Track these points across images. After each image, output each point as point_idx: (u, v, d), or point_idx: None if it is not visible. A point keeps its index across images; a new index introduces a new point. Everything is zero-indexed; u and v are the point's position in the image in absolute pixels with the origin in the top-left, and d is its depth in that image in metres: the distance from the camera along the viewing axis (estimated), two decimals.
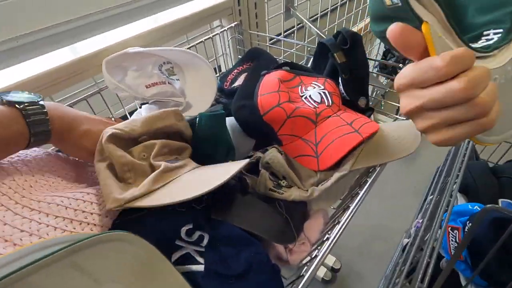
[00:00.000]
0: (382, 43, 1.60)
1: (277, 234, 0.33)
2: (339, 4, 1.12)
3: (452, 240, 0.62)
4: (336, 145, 0.40)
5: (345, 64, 0.47)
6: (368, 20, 1.33)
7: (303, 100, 0.47)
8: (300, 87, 0.49)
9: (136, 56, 0.51)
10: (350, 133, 0.40)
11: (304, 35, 0.94)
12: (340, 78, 0.49)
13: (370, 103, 0.52)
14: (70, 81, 0.48)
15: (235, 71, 0.65)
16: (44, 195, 0.29)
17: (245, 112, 0.48)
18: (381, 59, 1.53)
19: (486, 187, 0.68)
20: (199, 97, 0.55)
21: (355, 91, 0.49)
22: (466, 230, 0.60)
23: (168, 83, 0.53)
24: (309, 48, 0.98)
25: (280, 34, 0.92)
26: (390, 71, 1.53)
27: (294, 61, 0.60)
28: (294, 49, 0.79)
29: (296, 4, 0.88)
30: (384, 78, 1.61)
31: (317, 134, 0.43)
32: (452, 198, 0.53)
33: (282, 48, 0.76)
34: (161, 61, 0.53)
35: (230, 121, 0.57)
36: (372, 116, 0.51)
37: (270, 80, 0.49)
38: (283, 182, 0.40)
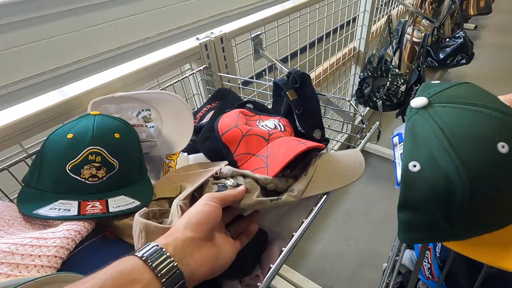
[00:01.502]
0: (356, 73, 1.70)
1: (228, 270, 0.34)
2: (307, 44, 1.22)
3: (424, 261, 0.63)
4: (284, 153, 0.43)
5: (296, 101, 0.52)
6: (334, 59, 1.42)
7: (258, 126, 0.52)
8: (258, 120, 0.54)
9: (119, 100, 0.57)
10: (297, 144, 0.44)
11: (274, 75, 1.01)
12: (294, 114, 0.53)
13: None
14: (58, 119, 0.53)
15: (204, 109, 0.69)
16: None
17: (208, 141, 0.53)
18: (357, 88, 1.61)
19: None
20: (176, 136, 0.59)
21: (309, 124, 0.53)
22: (436, 250, 0.61)
23: (145, 126, 0.57)
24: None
25: (253, 78, 0.99)
26: (367, 99, 1.61)
27: (265, 101, 0.66)
28: (262, 89, 0.84)
29: (264, 46, 0.95)
30: (362, 106, 1.69)
31: (268, 149, 0.47)
32: None
33: (254, 88, 0.81)
34: (140, 108, 0.58)
35: (195, 157, 0.60)
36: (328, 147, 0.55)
37: (231, 112, 0.54)
38: (229, 181, 0.42)
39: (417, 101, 0.33)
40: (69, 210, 0.39)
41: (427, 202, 0.32)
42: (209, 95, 0.77)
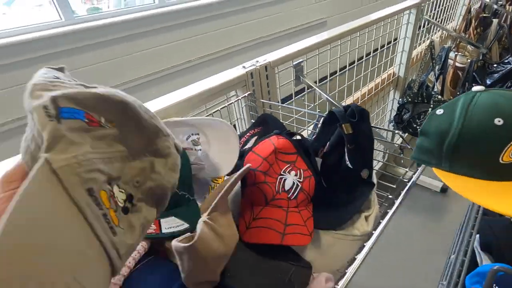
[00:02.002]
0: (395, 99, 1.66)
1: None
2: (347, 68, 1.22)
3: None
4: (260, 232, 0.45)
5: (351, 136, 0.52)
6: (372, 84, 1.40)
7: (275, 180, 0.51)
8: (288, 166, 0.52)
9: (173, 124, 0.61)
10: (276, 231, 0.45)
11: (313, 101, 1.02)
12: (345, 147, 0.53)
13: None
14: None
15: (248, 134, 0.72)
16: None
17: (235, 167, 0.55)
18: (396, 114, 1.57)
19: (509, 245, 0.64)
20: (222, 160, 0.62)
21: (359, 162, 0.52)
22: None
23: (194, 150, 0.61)
24: (319, 110, 1.06)
25: (291, 96, 1.01)
26: (406, 126, 1.56)
27: (302, 127, 0.66)
28: (301, 113, 0.85)
29: (305, 72, 0.98)
30: (401, 132, 1.63)
31: (261, 212, 0.48)
32: (466, 257, 0.51)
33: (293, 115, 0.83)
34: (190, 132, 0.62)
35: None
36: (372, 192, 0.52)
37: (268, 145, 0.54)
38: None
39: (477, 88, 0.46)
40: None
41: (433, 132, 0.47)
42: (252, 120, 0.80)
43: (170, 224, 0.47)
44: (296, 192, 0.49)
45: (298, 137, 0.57)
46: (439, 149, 0.45)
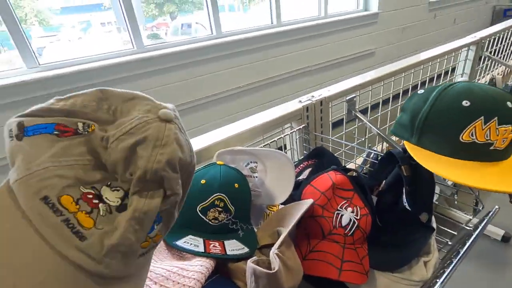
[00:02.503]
0: None
1: None
2: (400, 101, 1.21)
3: None
4: (317, 265, 0.46)
5: (410, 178, 0.52)
6: None
7: (333, 214, 0.52)
8: (344, 202, 0.53)
9: (236, 152, 0.67)
10: (334, 266, 0.46)
11: (364, 131, 1.03)
12: (404, 188, 0.54)
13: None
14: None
15: (301, 165, 0.75)
16: (157, 265, 0.40)
17: (290, 198, 0.59)
18: None
19: None
20: (278, 188, 0.66)
21: (417, 205, 0.52)
22: None
23: (252, 177, 0.66)
24: (369, 144, 1.06)
25: (338, 122, 1.03)
26: None
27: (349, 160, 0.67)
28: (349, 147, 0.87)
29: (357, 107, 1.00)
30: None
31: (318, 244, 0.49)
32: None
33: (343, 148, 0.85)
34: (249, 160, 0.68)
35: None
36: (432, 237, 0.51)
37: (326, 179, 0.56)
38: None
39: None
40: (198, 246, 0.47)
41: (410, 109, 0.52)
42: (304, 152, 0.84)
43: (233, 246, 0.51)
44: (353, 229, 0.50)
45: (354, 173, 0.59)
46: (412, 124, 0.51)
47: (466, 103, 0.45)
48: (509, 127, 0.44)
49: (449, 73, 1.41)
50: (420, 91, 0.53)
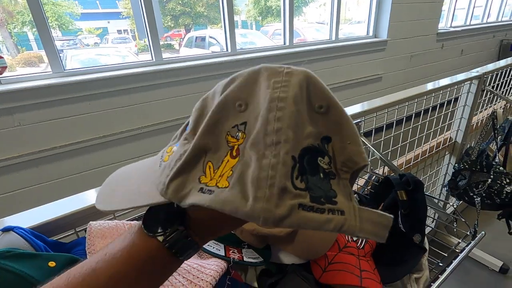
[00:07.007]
0: (450, 163, 1.63)
1: None
2: (403, 128, 1.28)
3: None
4: (339, 275, 0.50)
5: (405, 202, 0.58)
6: (427, 146, 1.42)
7: None
8: None
9: None
10: (355, 275, 0.50)
11: (368, 155, 1.09)
12: (399, 212, 0.59)
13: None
14: None
15: None
16: None
17: None
18: (451, 179, 1.53)
19: None
20: None
21: (411, 227, 0.58)
22: None
23: None
24: (371, 167, 1.11)
25: None
26: (461, 193, 1.50)
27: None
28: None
29: (361, 131, 1.06)
30: (455, 199, 1.57)
31: (336, 257, 0.54)
32: None
33: None
34: None
35: None
36: (425, 257, 0.56)
37: None
38: None
39: None
40: (219, 250, 0.53)
41: None
42: None
43: (249, 255, 0.56)
44: (364, 243, 0.56)
45: (356, 195, 0.65)
46: None
47: None
48: None
49: (452, 103, 1.47)
50: None
